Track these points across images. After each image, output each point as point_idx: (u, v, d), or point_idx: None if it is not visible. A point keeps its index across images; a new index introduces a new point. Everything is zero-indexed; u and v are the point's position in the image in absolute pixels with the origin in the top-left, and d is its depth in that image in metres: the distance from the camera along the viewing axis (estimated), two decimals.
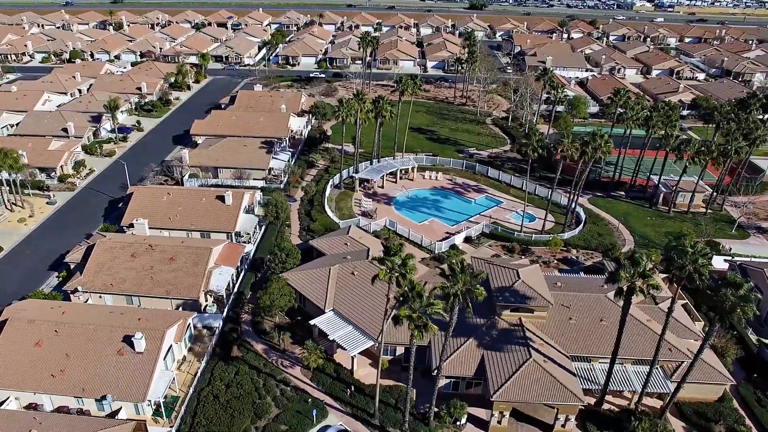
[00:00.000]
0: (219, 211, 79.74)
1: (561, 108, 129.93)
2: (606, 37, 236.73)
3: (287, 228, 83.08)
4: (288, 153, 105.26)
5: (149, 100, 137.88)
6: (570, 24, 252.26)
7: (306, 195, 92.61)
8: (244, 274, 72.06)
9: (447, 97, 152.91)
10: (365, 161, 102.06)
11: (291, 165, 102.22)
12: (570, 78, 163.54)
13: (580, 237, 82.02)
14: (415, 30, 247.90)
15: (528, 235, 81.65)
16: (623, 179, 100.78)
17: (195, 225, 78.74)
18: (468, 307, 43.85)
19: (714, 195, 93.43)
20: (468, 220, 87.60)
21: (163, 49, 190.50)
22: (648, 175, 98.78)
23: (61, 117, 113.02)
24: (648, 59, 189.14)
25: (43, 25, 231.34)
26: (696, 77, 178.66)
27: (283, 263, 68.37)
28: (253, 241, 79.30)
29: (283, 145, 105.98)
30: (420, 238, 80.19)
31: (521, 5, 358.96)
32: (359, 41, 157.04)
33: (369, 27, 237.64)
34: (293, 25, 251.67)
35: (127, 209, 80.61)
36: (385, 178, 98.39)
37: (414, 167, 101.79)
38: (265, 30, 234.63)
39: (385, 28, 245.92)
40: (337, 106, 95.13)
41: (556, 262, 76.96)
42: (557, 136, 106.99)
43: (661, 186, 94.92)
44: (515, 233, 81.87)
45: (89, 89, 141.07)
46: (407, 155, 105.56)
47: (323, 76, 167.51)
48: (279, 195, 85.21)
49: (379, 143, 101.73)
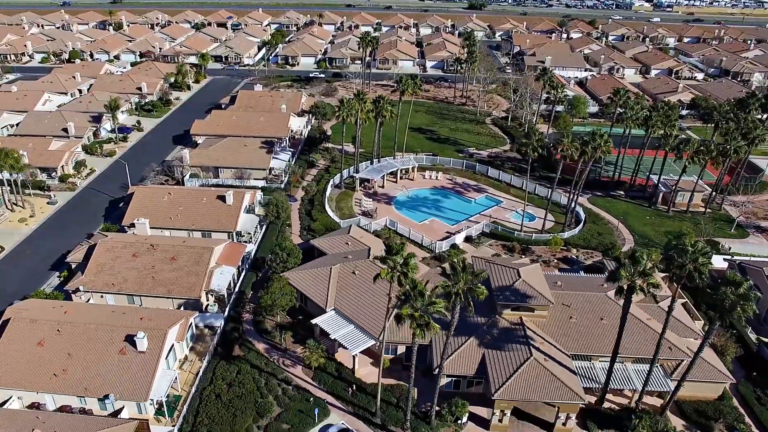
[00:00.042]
0: (220, 211, 79.91)
1: (560, 108, 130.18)
2: (605, 37, 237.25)
3: (288, 227, 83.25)
4: (288, 153, 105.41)
5: (149, 100, 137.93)
6: (569, 24, 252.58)
7: (306, 195, 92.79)
8: (245, 273, 72.22)
9: (446, 97, 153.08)
10: (365, 161, 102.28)
11: (291, 165, 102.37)
12: (569, 78, 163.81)
13: (579, 236, 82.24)
14: (415, 30, 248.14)
15: (528, 235, 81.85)
16: (623, 179, 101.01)
17: (196, 225, 78.89)
18: (470, 306, 44.05)
19: (713, 194, 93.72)
20: (468, 219, 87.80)
21: (163, 49, 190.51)
22: (647, 175, 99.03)
23: (62, 117, 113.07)
24: (647, 59, 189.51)
25: (43, 25, 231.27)
26: (695, 77, 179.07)
27: (285, 263, 68.53)
28: (254, 241, 79.44)
29: (284, 145, 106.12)
30: (420, 237, 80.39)
31: (520, 5, 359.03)
32: (359, 41, 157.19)
33: (368, 27, 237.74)
34: (293, 25, 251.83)
35: (128, 209, 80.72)
36: (386, 177, 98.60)
37: (414, 167, 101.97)
38: (265, 30, 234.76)
39: (385, 28, 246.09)
40: (338, 106, 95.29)
41: (556, 261, 77.19)
42: (557, 135, 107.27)
43: (661, 185, 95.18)
44: (515, 233, 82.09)
45: (89, 89, 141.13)
46: (407, 155, 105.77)
47: (323, 76, 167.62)
48: (280, 195, 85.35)
49: (380, 143, 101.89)
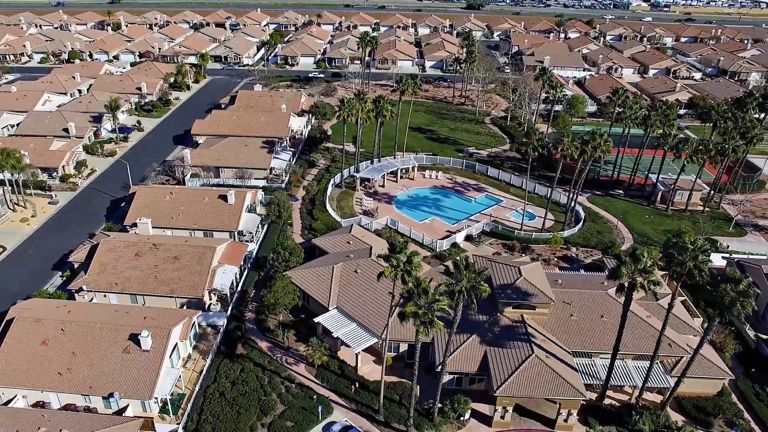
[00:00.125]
0: (222, 211, 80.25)
1: (559, 107, 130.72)
2: (603, 37, 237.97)
3: (289, 227, 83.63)
4: (289, 153, 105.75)
5: (149, 100, 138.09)
6: (567, 24, 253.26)
7: (307, 194, 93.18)
8: (247, 272, 72.58)
9: (446, 97, 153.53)
10: (366, 160, 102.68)
11: (292, 164, 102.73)
12: (568, 77, 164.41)
13: (579, 235, 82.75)
14: (413, 30, 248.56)
15: (528, 234, 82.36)
16: (622, 178, 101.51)
17: (198, 224, 79.21)
18: (473, 303, 44.50)
19: (711, 193, 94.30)
20: (468, 218, 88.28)
21: (162, 50, 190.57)
22: (646, 174, 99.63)
23: (62, 117, 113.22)
24: (645, 59, 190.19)
25: (41, 26, 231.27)
26: (692, 77, 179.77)
27: (287, 262, 68.92)
28: (256, 240, 79.80)
29: (284, 145, 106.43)
30: (421, 236, 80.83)
31: (517, 5, 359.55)
32: (358, 41, 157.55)
33: (367, 27, 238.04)
34: (291, 26, 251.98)
35: (130, 209, 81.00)
36: (386, 177, 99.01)
37: (414, 166, 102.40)
38: (264, 30, 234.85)
39: (383, 28, 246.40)
40: (339, 105, 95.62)
41: (556, 259, 77.72)
42: (556, 135, 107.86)
43: (660, 184, 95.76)
44: (515, 231, 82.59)
45: (89, 89, 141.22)
46: (407, 155, 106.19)
47: (322, 76, 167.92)
48: (281, 194, 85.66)
49: (380, 143, 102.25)
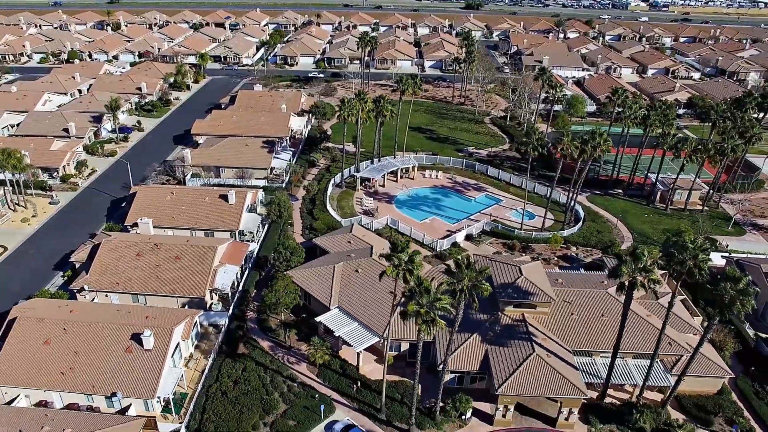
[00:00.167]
0: (222, 210, 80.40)
1: (558, 107, 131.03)
2: (602, 37, 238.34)
3: (290, 227, 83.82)
4: (289, 152, 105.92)
5: (149, 100, 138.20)
6: (565, 24, 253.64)
7: (308, 194, 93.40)
8: (248, 272, 72.76)
9: (445, 97, 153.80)
10: (366, 160, 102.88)
11: (292, 164, 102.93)
12: (567, 77, 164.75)
13: (579, 234, 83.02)
14: (412, 30, 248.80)
15: (528, 233, 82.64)
16: (621, 177, 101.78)
17: (199, 224, 79.35)
18: (474, 302, 44.74)
19: (710, 193, 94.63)
20: (468, 218, 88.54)
21: (162, 50, 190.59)
22: (645, 173, 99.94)
23: (62, 117, 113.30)
24: (644, 59, 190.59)
25: (41, 26, 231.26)
26: (691, 76, 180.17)
27: (288, 261, 69.09)
28: (257, 240, 79.98)
29: (284, 145, 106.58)
30: (422, 236, 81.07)
31: (516, 5, 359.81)
32: (358, 41, 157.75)
33: (366, 27, 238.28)
34: (291, 25, 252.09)
35: (131, 208, 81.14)
36: (386, 177, 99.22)
37: (414, 166, 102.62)
38: (263, 30, 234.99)
39: (383, 28, 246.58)
40: (339, 105, 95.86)
41: (556, 259, 77.98)
42: (556, 134, 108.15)
43: (659, 184, 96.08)
44: (515, 231, 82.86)
45: (89, 89, 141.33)
46: (407, 154, 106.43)
47: (322, 76, 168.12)
48: (282, 194, 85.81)
49: (380, 142, 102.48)
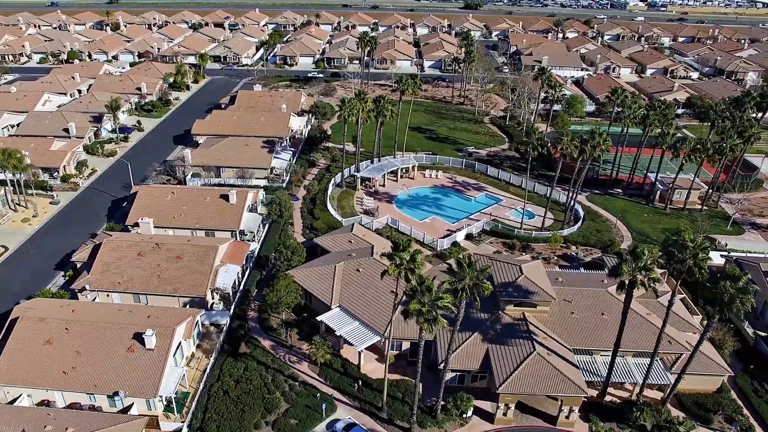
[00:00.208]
0: (223, 210, 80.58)
1: (558, 107, 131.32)
2: (600, 37, 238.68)
3: (290, 226, 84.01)
4: (289, 152, 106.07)
5: (149, 100, 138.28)
6: (565, 24, 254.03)
7: (308, 193, 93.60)
8: (249, 271, 72.94)
9: (445, 97, 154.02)
10: (366, 160, 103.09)
11: (293, 164, 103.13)
12: (566, 77, 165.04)
13: (579, 234, 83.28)
14: (412, 30, 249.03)
15: (528, 232, 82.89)
16: (620, 177, 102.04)
17: (200, 224, 79.53)
18: (476, 301, 44.98)
19: (709, 192, 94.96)
20: (468, 217, 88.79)
21: (161, 50, 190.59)
22: (645, 173, 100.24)
23: (63, 117, 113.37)
24: (642, 58, 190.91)
25: (40, 26, 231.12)
26: (690, 76, 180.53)
27: (289, 261, 69.25)
28: (257, 240, 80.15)
29: (284, 145, 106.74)
30: (422, 235, 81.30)
31: (515, 5, 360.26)
32: (357, 41, 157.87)
33: (365, 27, 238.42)
34: (290, 26, 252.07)
35: (132, 208, 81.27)
36: (386, 176, 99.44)
37: (414, 166, 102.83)
38: (263, 30, 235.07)
39: (382, 28, 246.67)
40: (339, 105, 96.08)
41: (556, 258, 78.26)
42: (555, 134, 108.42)
43: (658, 183, 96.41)
44: (515, 230, 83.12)
45: (89, 89, 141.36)
46: (407, 154, 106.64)
47: (321, 76, 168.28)
48: (282, 194, 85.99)
49: (380, 142, 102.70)
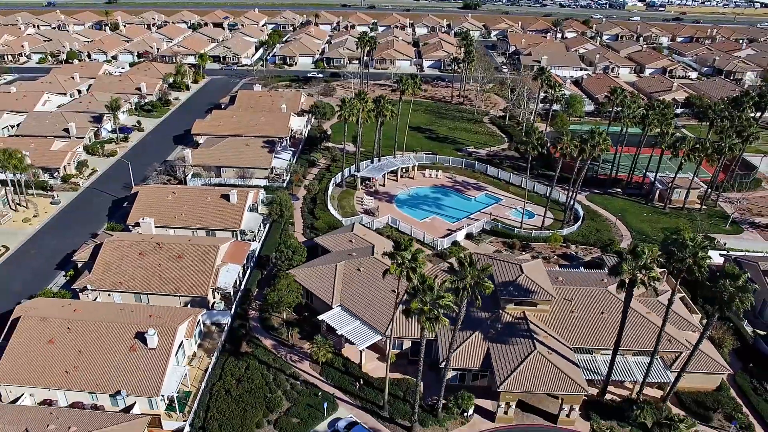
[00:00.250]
0: (224, 210, 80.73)
1: (557, 107, 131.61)
2: (599, 37, 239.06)
3: (291, 226, 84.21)
4: (289, 152, 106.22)
5: (149, 100, 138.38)
6: (563, 24, 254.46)
7: (309, 193, 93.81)
8: (250, 271, 73.11)
9: (444, 97, 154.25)
10: (366, 160, 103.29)
11: (293, 164, 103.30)
12: (565, 77, 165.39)
13: (578, 233, 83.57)
14: (411, 30, 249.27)
15: (528, 232, 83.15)
16: (620, 176, 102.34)
17: (200, 223, 79.66)
18: (477, 300, 45.21)
19: (708, 191, 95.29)
20: (468, 217, 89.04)
21: (161, 50, 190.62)
22: (644, 173, 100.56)
23: (63, 117, 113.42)
24: (641, 58, 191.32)
25: (39, 26, 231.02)
26: (688, 76, 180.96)
27: (290, 260, 69.42)
28: (258, 239, 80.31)
29: (285, 145, 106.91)
30: (422, 235, 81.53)
31: (513, 5, 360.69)
32: (356, 41, 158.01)
33: (364, 27, 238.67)
34: (289, 26, 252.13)
35: (133, 208, 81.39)
36: (386, 176, 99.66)
37: (414, 166, 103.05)
38: (262, 30, 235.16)
39: (381, 28, 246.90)
40: (340, 105, 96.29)
41: (556, 257, 78.54)
42: (554, 134, 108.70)
43: (657, 183, 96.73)
44: (515, 230, 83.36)
45: (89, 90, 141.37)
46: (407, 154, 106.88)
47: (321, 75, 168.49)
48: (283, 193, 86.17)
49: (380, 142, 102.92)
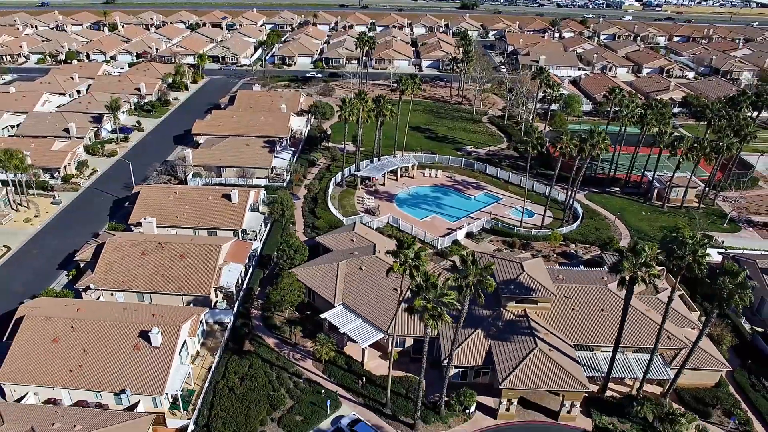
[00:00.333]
0: (225, 210, 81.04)
1: (555, 106, 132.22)
2: (597, 37, 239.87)
3: (292, 225, 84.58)
4: (289, 152, 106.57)
5: (148, 100, 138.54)
6: (561, 24, 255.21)
7: (309, 193, 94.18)
8: (252, 270, 73.48)
9: (443, 96, 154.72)
10: (366, 159, 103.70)
11: (293, 164, 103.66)
12: (563, 77, 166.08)
13: (578, 232, 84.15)
14: (409, 30, 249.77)
15: (528, 231, 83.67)
16: (618, 175, 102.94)
17: (202, 223, 79.96)
18: (479, 298, 45.67)
19: (706, 190, 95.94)
20: (468, 216, 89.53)
21: (160, 50, 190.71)
22: (642, 172, 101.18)
23: (63, 118, 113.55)
24: (639, 58, 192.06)
25: (36, 26, 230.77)
26: (685, 75, 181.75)
27: (292, 259, 69.71)
28: (259, 239, 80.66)
29: (285, 144, 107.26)
30: (423, 234, 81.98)
31: (511, 4, 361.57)
32: (355, 41, 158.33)
33: (362, 27, 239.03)
34: (287, 26, 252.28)
35: (134, 208, 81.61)
36: (386, 176, 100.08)
37: (414, 165, 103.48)
38: (260, 30, 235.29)
39: (379, 28, 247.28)
40: (340, 105, 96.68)
41: (555, 256, 79.09)
42: (553, 133, 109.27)
43: (655, 182, 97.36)
44: (515, 228, 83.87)
45: (88, 90, 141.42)
46: (407, 153, 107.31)
47: (320, 75, 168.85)
48: (284, 193, 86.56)
49: (380, 142, 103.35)
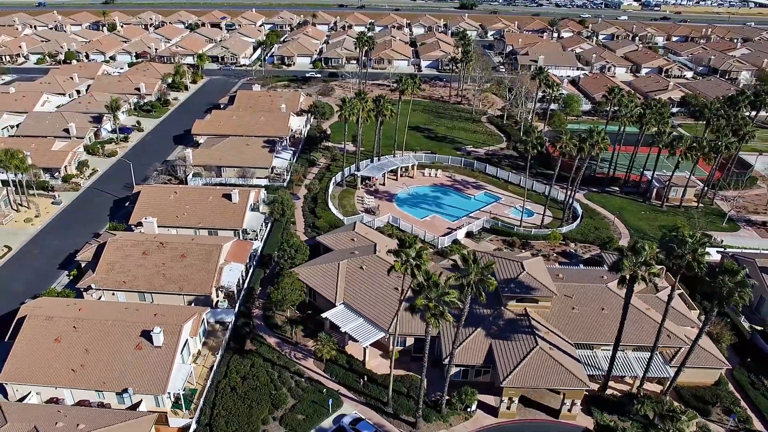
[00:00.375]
0: (226, 209, 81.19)
1: (554, 106, 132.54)
2: (595, 36, 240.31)
3: (292, 225, 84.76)
4: (289, 152, 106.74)
5: (148, 100, 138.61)
6: (560, 23, 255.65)
7: (309, 193, 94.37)
8: (253, 270, 73.66)
9: (442, 96, 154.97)
10: (366, 159, 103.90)
11: (293, 163, 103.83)
12: (562, 77, 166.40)
13: (577, 231, 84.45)
14: (408, 30, 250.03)
15: (527, 230, 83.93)
16: (617, 175, 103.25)
17: (203, 223, 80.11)
18: (481, 296, 45.90)
19: (705, 189, 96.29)
20: (468, 215, 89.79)
21: (159, 50, 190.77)
22: (641, 171, 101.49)
23: (62, 118, 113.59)
24: (637, 58, 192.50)
25: (36, 26, 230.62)
26: (684, 75, 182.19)
27: (292, 259, 69.88)
28: (260, 238, 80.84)
29: (285, 144, 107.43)
30: (423, 233, 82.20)
31: (510, 4, 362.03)
32: (355, 41, 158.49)
33: (362, 27, 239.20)
34: (286, 26, 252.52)
35: (135, 208, 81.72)
36: (386, 175, 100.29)
37: (414, 165, 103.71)
38: (259, 30, 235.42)
39: (378, 28, 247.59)
40: (340, 105, 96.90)
41: (555, 255, 79.37)
42: (552, 133, 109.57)
43: (654, 181, 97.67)
44: (515, 228, 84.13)
45: (88, 90, 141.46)
46: (407, 153, 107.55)
47: (319, 75, 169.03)
48: (284, 193, 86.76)
49: (380, 141, 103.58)
